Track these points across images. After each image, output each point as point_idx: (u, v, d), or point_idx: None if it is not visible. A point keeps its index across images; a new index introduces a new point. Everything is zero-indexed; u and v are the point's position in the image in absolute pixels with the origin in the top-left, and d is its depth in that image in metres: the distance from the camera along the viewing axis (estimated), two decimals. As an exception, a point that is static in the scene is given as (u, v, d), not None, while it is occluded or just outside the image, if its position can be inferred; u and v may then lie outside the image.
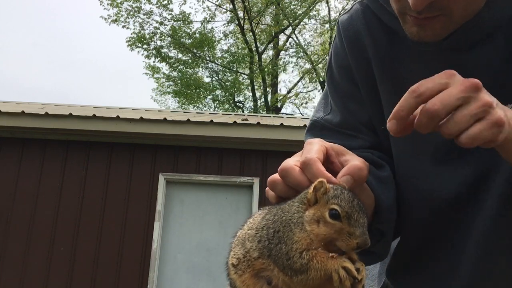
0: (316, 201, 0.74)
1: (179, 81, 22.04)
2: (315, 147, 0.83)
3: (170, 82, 22.55)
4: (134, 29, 20.29)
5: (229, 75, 22.66)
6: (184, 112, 10.20)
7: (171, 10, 20.64)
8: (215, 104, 23.27)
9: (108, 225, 6.62)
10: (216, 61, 22.20)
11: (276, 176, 0.83)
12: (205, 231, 6.79)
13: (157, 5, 20.24)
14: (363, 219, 0.73)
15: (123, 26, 20.23)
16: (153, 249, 6.52)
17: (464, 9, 0.91)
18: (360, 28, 1.09)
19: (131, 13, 20.16)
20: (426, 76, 0.85)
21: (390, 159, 1.07)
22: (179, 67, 21.79)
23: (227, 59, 22.20)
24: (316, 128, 1.15)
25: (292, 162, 0.82)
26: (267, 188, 0.85)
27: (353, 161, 0.84)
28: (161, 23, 20.55)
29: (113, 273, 6.46)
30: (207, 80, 22.88)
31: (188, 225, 6.84)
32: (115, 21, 20.11)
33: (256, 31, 20.86)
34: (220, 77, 22.59)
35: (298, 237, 0.71)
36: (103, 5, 19.95)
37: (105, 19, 20.10)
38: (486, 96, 0.75)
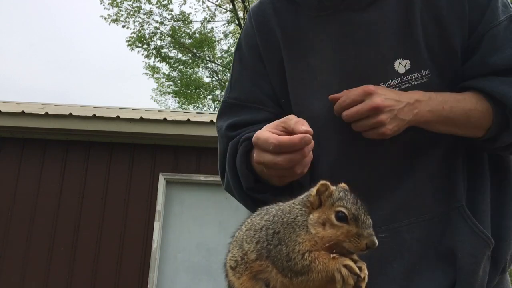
0: (320, 204, 0.74)
1: (179, 81, 22.02)
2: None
3: (170, 82, 22.54)
4: (134, 29, 20.28)
5: (229, 75, 22.64)
6: (184, 112, 10.20)
7: (171, 10, 20.62)
8: (215, 104, 23.25)
9: (108, 225, 6.61)
10: (216, 61, 22.19)
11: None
12: (205, 231, 6.79)
13: (157, 5, 20.22)
14: (369, 220, 0.73)
15: (123, 26, 20.21)
16: (153, 249, 6.52)
17: None
18: (269, 13, 1.24)
19: (131, 13, 20.14)
20: (327, 41, 1.14)
21: None
22: (179, 67, 21.77)
23: (227, 59, 22.18)
24: (226, 110, 1.28)
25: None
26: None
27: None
28: (161, 23, 20.53)
29: (113, 273, 6.45)
30: (207, 80, 22.88)
31: (188, 225, 6.83)
32: (115, 20, 20.09)
33: (256, 31, 20.83)
34: (220, 77, 22.58)
35: (302, 239, 0.71)
36: (103, 5, 19.93)
37: (105, 18, 20.08)
38: (375, 98, 1.03)
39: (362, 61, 1.12)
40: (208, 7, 21.16)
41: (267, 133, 0.95)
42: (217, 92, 23.05)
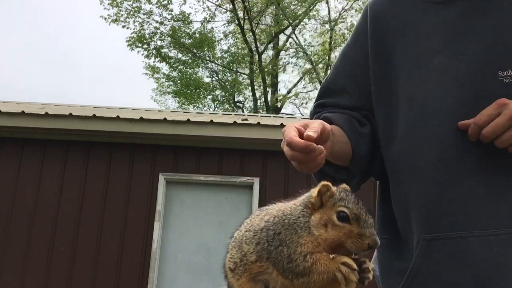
0: (322, 205, 0.73)
1: (179, 81, 22.02)
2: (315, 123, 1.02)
3: (170, 82, 22.53)
4: (134, 29, 20.28)
5: (229, 75, 22.64)
6: (184, 112, 10.19)
7: (171, 10, 20.62)
8: (215, 104, 23.25)
9: (108, 225, 6.61)
10: (216, 61, 22.18)
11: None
12: (205, 231, 6.79)
13: (157, 5, 20.22)
14: (371, 220, 0.73)
15: (123, 26, 20.21)
16: (153, 249, 6.52)
17: None
18: (385, 5, 1.27)
19: (131, 13, 20.14)
20: (445, 26, 1.13)
21: (374, 118, 1.26)
22: (179, 67, 21.77)
23: (227, 59, 22.17)
24: (320, 92, 1.36)
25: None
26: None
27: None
28: (161, 23, 20.53)
29: (113, 273, 6.45)
30: (207, 80, 22.86)
31: (188, 225, 6.83)
32: (115, 21, 20.09)
33: (256, 31, 20.83)
34: (220, 77, 22.58)
35: (304, 240, 0.70)
36: (103, 5, 19.93)
37: (105, 19, 20.08)
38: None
39: (482, 47, 1.08)
40: (208, 7, 21.17)
41: (291, 128, 1.01)
42: (217, 92, 23.07)
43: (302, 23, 21.44)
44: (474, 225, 0.99)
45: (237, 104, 23.10)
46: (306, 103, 23.34)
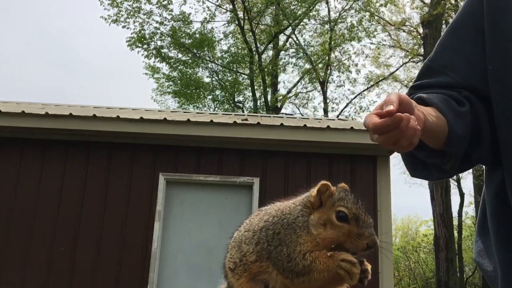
0: (321, 205, 0.73)
1: (179, 81, 22.00)
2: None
3: (170, 82, 22.52)
4: (134, 29, 20.27)
5: (229, 75, 22.63)
6: (184, 112, 10.19)
7: (171, 11, 20.60)
8: (215, 104, 23.24)
9: (108, 225, 6.61)
10: (216, 61, 22.17)
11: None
12: (205, 231, 6.78)
13: (157, 5, 20.20)
14: (370, 220, 0.72)
15: (123, 26, 20.20)
16: (153, 249, 6.51)
17: None
18: None
19: (131, 13, 20.13)
20: None
21: (479, 101, 1.18)
22: (179, 67, 21.75)
23: (227, 59, 22.15)
24: (421, 71, 1.29)
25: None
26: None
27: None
28: (161, 23, 20.51)
29: (113, 273, 6.45)
30: (207, 80, 22.86)
31: (188, 225, 6.83)
32: (115, 21, 20.08)
33: (256, 31, 20.82)
34: (220, 77, 22.56)
35: (303, 239, 0.70)
36: (103, 5, 19.92)
37: (105, 19, 20.07)
38: None
39: None
40: (208, 7, 21.16)
41: (370, 115, 0.96)
42: (217, 92, 23.05)
43: (302, 23, 21.43)
44: None
45: (237, 104, 23.08)
46: (306, 103, 23.35)
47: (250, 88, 21.92)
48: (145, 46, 20.45)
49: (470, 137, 1.13)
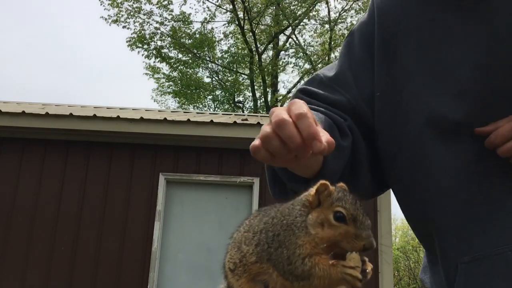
0: (319, 204, 0.73)
1: (179, 81, 22.02)
2: (305, 106, 0.81)
3: (170, 83, 22.53)
4: (134, 29, 20.29)
5: (229, 75, 22.64)
6: (184, 112, 10.19)
7: (171, 11, 20.64)
8: (215, 104, 23.25)
9: (108, 225, 6.62)
10: (216, 61, 22.19)
11: (269, 131, 0.81)
12: (205, 231, 6.79)
13: (157, 6, 20.23)
14: (368, 221, 0.73)
15: (124, 27, 20.22)
16: (153, 249, 6.52)
17: None
18: (394, 1, 1.14)
19: (131, 13, 20.15)
20: (467, 33, 1.01)
21: (360, 127, 1.11)
22: (179, 67, 21.77)
23: (227, 60, 22.17)
24: (315, 81, 1.19)
25: (285, 116, 0.80)
26: (258, 147, 0.82)
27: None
28: (161, 24, 20.54)
29: (113, 273, 6.46)
30: (207, 80, 22.88)
31: (188, 225, 6.84)
32: (115, 21, 20.10)
33: (256, 31, 20.83)
34: (220, 77, 22.58)
35: (302, 241, 0.70)
36: (103, 5, 19.94)
37: (106, 19, 20.09)
38: None
39: (506, 55, 0.99)
40: (208, 7, 21.18)
41: (281, 110, 0.85)
42: (217, 92, 23.06)
43: (302, 23, 21.44)
44: (510, 239, 0.93)
45: (237, 104, 23.10)
46: (306, 103, 23.32)
47: (250, 88, 21.94)
48: (145, 46, 20.47)
49: (347, 170, 1.05)
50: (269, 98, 21.22)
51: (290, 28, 21.21)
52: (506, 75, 0.98)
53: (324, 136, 0.78)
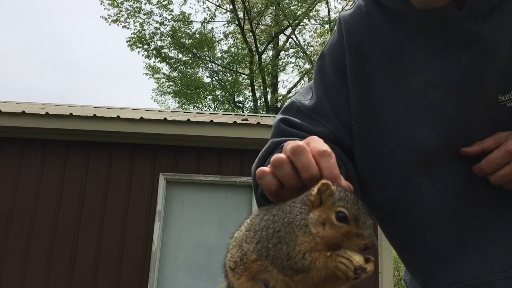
0: (320, 203, 0.73)
1: (179, 81, 22.03)
2: (326, 145, 0.80)
3: (170, 82, 22.54)
4: (134, 29, 20.30)
5: (229, 75, 22.66)
6: (184, 112, 10.20)
7: (171, 11, 20.65)
8: (215, 104, 23.26)
9: (108, 225, 6.62)
10: (216, 61, 22.20)
11: (283, 156, 0.79)
12: (205, 231, 6.79)
13: (157, 6, 20.24)
14: (370, 221, 0.73)
15: (124, 26, 20.23)
16: (153, 249, 6.52)
17: None
18: (362, 24, 1.08)
19: (132, 13, 20.16)
20: (437, 56, 0.97)
21: (346, 155, 1.08)
22: (179, 67, 21.78)
23: (227, 60, 22.19)
24: (293, 110, 1.15)
25: (303, 144, 0.78)
26: (265, 172, 0.80)
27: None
28: (161, 24, 20.55)
29: (113, 273, 6.46)
30: (207, 80, 22.90)
31: (188, 225, 6.84)
32: (115, 21, 20.12)
33: (256, 31, 20.85)
34: (220, 77, 22.59)
35: (302, 239, 0.70)
36: (103, 5, 19.95)
37: (106, 19, 20.10)
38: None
39: (480, 79, 0.96)
40: (208, 7, 21.21)
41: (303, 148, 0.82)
42: (217, 92, 23.07)
43: (302, 23, 21.45)
44: (497, 267, 0.92)
45: (237, 104, 23.11)
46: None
47: (250, 88, 21.95)
48: (145, 46, 20.48)
49: None
50: (269, 98, 21.23)
51: (290, 28, 21.22)
52: (481, 99, 0.95)
53: (343, 181, 0.78)
